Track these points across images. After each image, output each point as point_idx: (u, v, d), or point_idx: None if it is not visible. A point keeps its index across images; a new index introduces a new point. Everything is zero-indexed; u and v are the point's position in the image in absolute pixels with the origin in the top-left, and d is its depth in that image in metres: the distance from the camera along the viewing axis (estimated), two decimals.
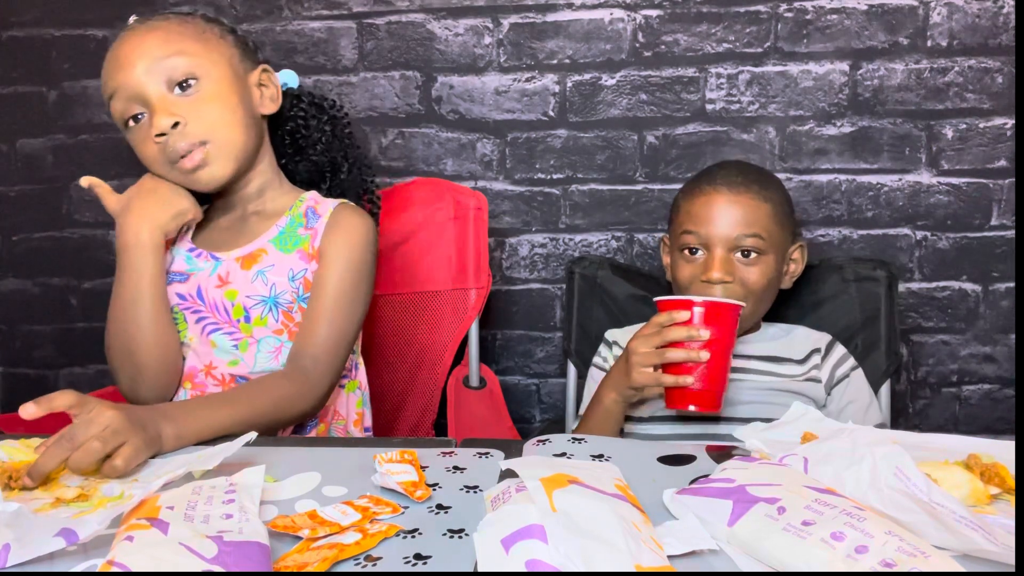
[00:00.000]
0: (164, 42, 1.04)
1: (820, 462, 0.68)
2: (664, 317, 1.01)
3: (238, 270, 1.10)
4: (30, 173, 1.72)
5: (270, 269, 1.09)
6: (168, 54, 1.03)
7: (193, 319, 1.11)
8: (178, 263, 1.12)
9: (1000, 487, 0.68)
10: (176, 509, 0.59)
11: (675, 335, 0.99)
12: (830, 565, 0.53)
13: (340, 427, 1.17)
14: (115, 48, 1.07)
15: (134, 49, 1.04)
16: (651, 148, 1.57)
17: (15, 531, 0.59)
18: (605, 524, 0.57)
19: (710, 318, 0.99)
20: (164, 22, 1.07)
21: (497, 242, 1.63)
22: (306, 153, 1.22)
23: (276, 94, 1.15)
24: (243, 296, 1.09)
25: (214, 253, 1.11)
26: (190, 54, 1.05)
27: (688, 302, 1.01)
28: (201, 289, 1.10)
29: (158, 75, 1.03)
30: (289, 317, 1.10)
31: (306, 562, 0.58)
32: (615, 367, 1.10)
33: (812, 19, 1.50)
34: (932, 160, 1.51)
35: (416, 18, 1.59)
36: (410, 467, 0.74)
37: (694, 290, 1.14)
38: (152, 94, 1.03)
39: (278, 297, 1.09)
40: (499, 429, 1.47)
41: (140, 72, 1.03)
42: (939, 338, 1.56)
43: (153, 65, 1.03)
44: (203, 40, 1.07)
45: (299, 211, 1.13)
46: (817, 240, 1.55)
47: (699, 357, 0.98)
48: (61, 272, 1.74)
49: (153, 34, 1.05)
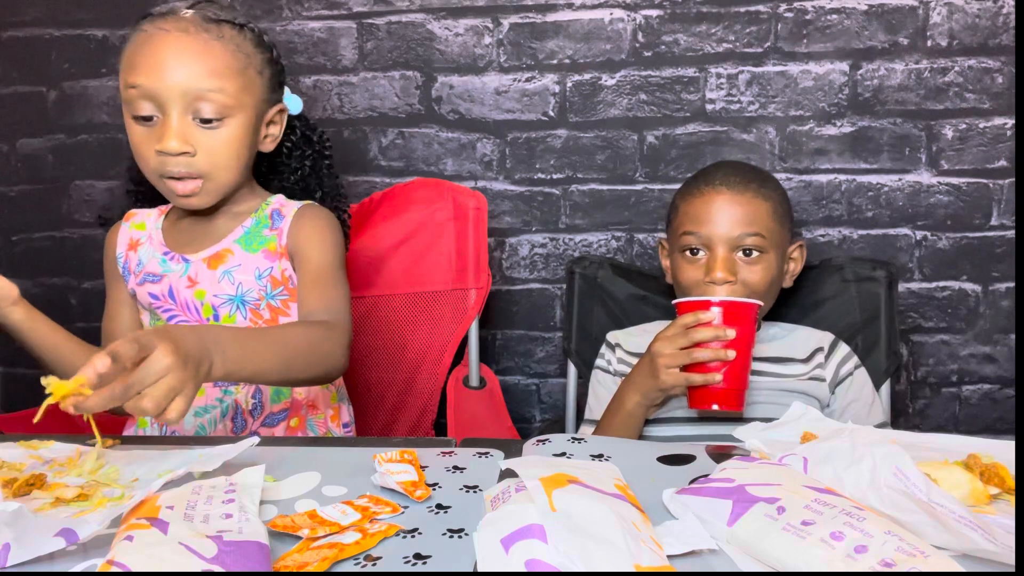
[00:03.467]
0: (210, 72, 1.02)
1: (820, 462, 0.68)
2: (690, 318, 1.01)
3: (205, 270, 1.11)
4: (30, 173, 1.72)
5: (236, 269, 1.10)
6: (209, 88, 1.02)
7: (166, 317, 1.13)
8: (152, 265, 1.13)
9: (1000, 487, 0.68)
10: (176, 509, 0.59)
11: (702, 335, 0.99)
12: (830, 565, 0.53)
13: (320, 422, 1.18)
14: (159, 44, 1.02)
15: (180, 56, 1.01)
16: (651, 148, 1.57)
17: (15, 531, 0.59)
18: (605, 524, 0.57)
19: (732, 318, 1.00)
20: (219, 42, 1.04)
21: (497, 242, 1.63)
22: (280, 175, 1.23)
23: (279, 132, 1.15)
24: (211, 296, 1.10)
25: (184, 255, 1.12)
26: (227, 93, 1.03)
27: (709, 303, 1.02)
28: (172, 289, 1.11)
29: (189, 102, 1.02)
30: (257, 315, 1.11)
31: (306, 562, 0.58)
32: (637, 370, 1.09)
33: (812, 19, 1.50)
34: (932, 160, 1.51)
35: (416, 18, 1.59)
36: (410, 467, 0.74)
37: (698, 292, 1.14)
38: (174, 114, 1.02)
39: (245, 295, 1.10)
40: (499, 429, 1.47)
41: (173, 89, 1.01)
42: (939, 338, 1.56)
43: (191, 91, 1.01)
44: (244, 77, 1.05)
45: (264, 213, 1.14)
46: (817, 240, 1.55)
47: (726, 356, 0.99)
48: (61, 272, 1.74)
49: (205, 51, 1.02)
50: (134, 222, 1.19)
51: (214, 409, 1.12)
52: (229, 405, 1.12)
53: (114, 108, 1.68)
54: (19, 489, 0.72)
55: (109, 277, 1.19)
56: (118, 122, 1.67)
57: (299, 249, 1.11)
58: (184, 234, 1.15)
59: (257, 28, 1.11)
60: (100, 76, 1.67)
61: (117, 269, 1.17)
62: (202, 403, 1.12)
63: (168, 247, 1.14)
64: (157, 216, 1.19)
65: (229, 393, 1.12)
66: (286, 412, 1.15)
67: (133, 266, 1.15)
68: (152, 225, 1.18)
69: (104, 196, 1.70)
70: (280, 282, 1.12)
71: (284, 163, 1.22)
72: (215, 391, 1.12)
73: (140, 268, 1.14)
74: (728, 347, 0.99)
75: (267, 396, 1.13)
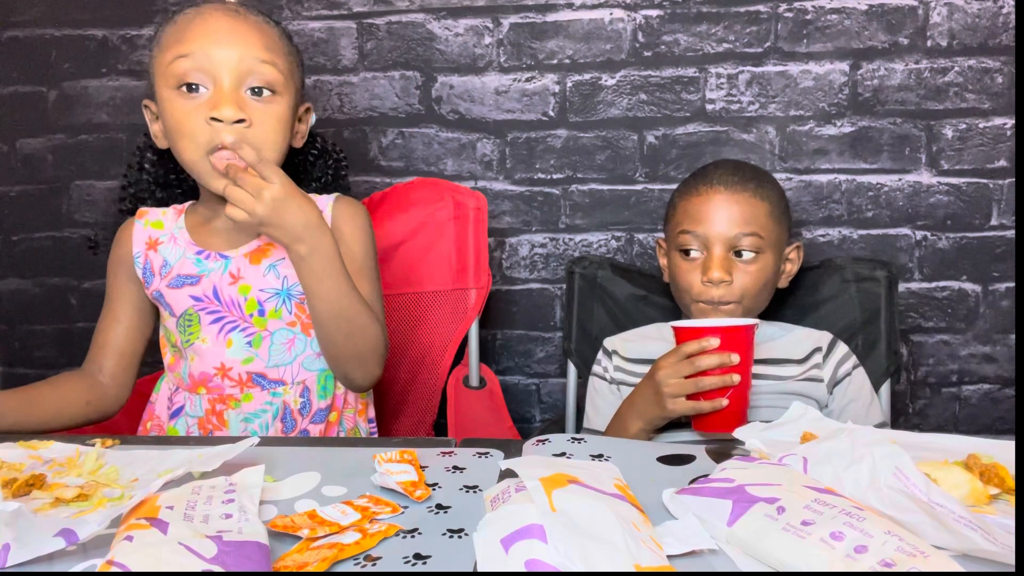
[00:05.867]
0: (265, 47, 1.03)
1: (819, 462, 0.68)
2: (694, 346, 0.99)
3: (247, 265, 1.10)
4: (30, 173, 1.72)
5: (280, 262, 1.09)
6: (266, 59, 1.03)
7: (209, 319, 1.10)
8: (185, 267, 1.10)
9: (1000, 487, 0.68)
10: (176, 509, 0.59)
11: (708, 363, 0.98)
12: (829, 565, 0.53)
13: (349, 416, 1.18)
14: (210, 17, 1.03)
15: (234, 30, 1.02)
16: (651, 148, 1.57)
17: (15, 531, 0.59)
18: (604, 524, 0.57)
19: (733, 342, 0.99)
20: (266, 25, 1.06)
21: (497, 242, 1.63)
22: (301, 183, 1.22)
23: (307, 131, 1.17)
24: (256, 290, 1.09)
25: (221, 252, 1.11)
26: (280, 69, 1.04)
27: (709, 329, 1.00)
28: (216, 288, 1.09)
29: (244, 73, 1.02)
30: (301, 308, 1.10)
31: (306, 562, 0.58)
32: (640, 396, 1.06)
33: (812, 19, 1.50)
34: (932, 160, 1.51)
35: (416, 18, 1.59)
36: (410, 467, 0.74)
37: (695, 293, 1.14)
38: (229, 83, 1.01)
39: (291, 288, 1.09)
40: (499, 429, 1.47)
41: (232, 55, 1.01)
42: (939, 338, 1.56)
43: (248, 57, 1.02)
44: (290, 60, 1.08)
45: None
46: (817, 240, 1.55)
47: (732, 381, 0.98)
48: (61, 272, 1.74)
49: (258, 29, 1.04)
50: (149, 220, 1.15)
51: (264, 414, 1.10)
52: (279, 407, 1.10)
53: (114, 108, 1.68)
54: (19, 489, 0.72)
55: (116, 276, 1.16)
56: (118, 122, 1.68)
57: (342, 243, 1.09)
58: (218, 231, 1.13)
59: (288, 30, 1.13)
60: (100, 76, 1.67)
61: (131, 268, 1.14)
62: (252, 408, 1.09)
63: (200, 246, 1.12)
64: (175, 216, 1.15)
65: (277, 395, 1.10)
66: (330, 408, 1.14)
67: (157, 267, 1.12)
68: (172, 224, 1.14)
69: (104, 196, 1.70)
70: None
71: (307, 171, 1.25)
72: (264, 395, 1.10)
73: (168, 270, 1.11)
74: (732, 371, 0.98)
75: (314, 394, 1.12)
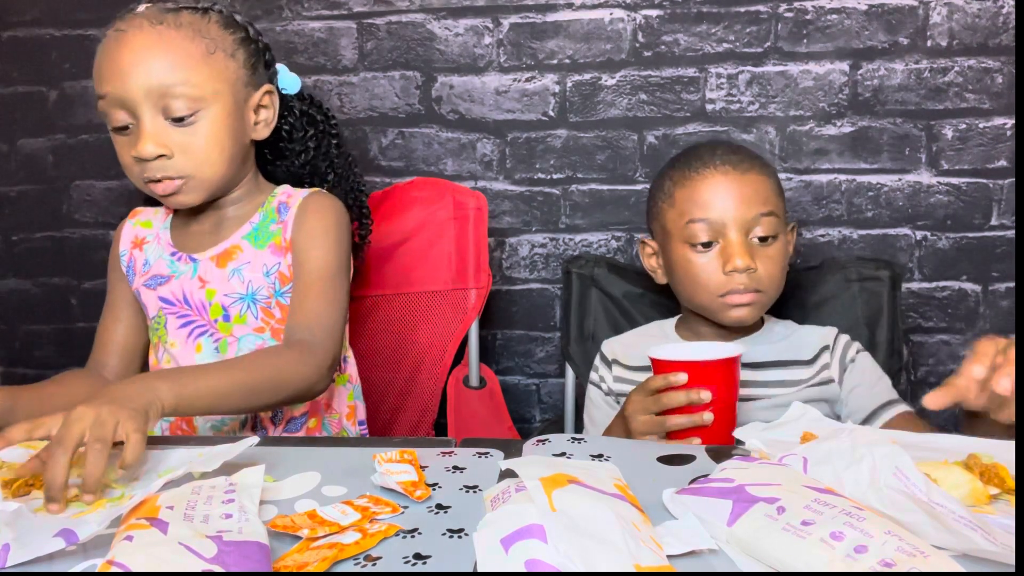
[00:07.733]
0: (171, 67, 0.98)
1: (819, 462, 0.68)
2: (660, 381, 0.91)
3: (214, 269, 1.08)
4: (30, 173, 1.72)
5: (246, 266, 1.08)
6: (172, 83, 0.98)
7: (178, 323, 1.09)
8: (160, 266, 1.10)
9: (1000, 487, 0.68)
10: (176, 509, 0.59)
11: (674, 401, 0.90)
12: (829, 565, 0.53)
13: (335, 421, 1.17)
14: (116, 47, 0.99)
15: (137, 62, 0.98)
16: (651, 148, 1.57)
17: (15, 531, 0.59)
18: (604, 524, 0.57)
19: (704, 377, 0.89)
20: (176, 31, 0.99)
21: (497, 242, 1.63)
22: (286, 159, 1.19)
23: (272, 116, 1.10)
24: (221, 295, 1.07)
25: (191, 255, 1.10)
26: (193, 84, 0.99)
27: (679, 364, 0.91)
28: (186, 292, 1.09)
29: (156, 101, 0.98)
30: (268, 314, 1.09)
31: (306, 562, 0.58)
32: (615, 424, 1.00)
33: (812, 19, 1.50)
34: (932, 160, 1.51)
35: (416, 18, 1.59)
36: (410, 467, 0.74)
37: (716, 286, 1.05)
38: (145, 117, 0.98)
39: (256, 294, 1.08)
40: (499, 429, 1.47)
41: (138, 90, 0.98)
42: (939, 338, 1.55)
43: (154, 90, 0.98)
44: (210, 64, 1.01)
45: (271, 206, 1.11)
46: (817, 240, 1.55)
47: (702, 421, 0.89)
48: (61, 272, 1.74)
49: (161, 51, 0.98)
50: (139, 219, 1.17)
51: (232, 420, 1.09)
52: (247, 415, 1.09)
53: None
54: (19, 489, 0.72)
55: (112, 275, 1.17)
56: None
57: (299, 248, 1.06)
58: (192, 233, 1.13)
59: (226, 9, 1.06)
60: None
61: (120, 266, 1.15)
62: (218, 416, 1.08)
63: (176, 247, 1.12)
64: (164, 215, 1.16)
65: None
66: (307, 415, 1.13)
67: (138, 265, 1.13)
68: (159, 224, 1.15)
69: (104, 196, 1.70)
70: (288, 279, 1.08)
71: (287, 147, 1.17)
72: None
73: (147, 269, 1.12)
74: (704, 410, 0.89)
75: None
